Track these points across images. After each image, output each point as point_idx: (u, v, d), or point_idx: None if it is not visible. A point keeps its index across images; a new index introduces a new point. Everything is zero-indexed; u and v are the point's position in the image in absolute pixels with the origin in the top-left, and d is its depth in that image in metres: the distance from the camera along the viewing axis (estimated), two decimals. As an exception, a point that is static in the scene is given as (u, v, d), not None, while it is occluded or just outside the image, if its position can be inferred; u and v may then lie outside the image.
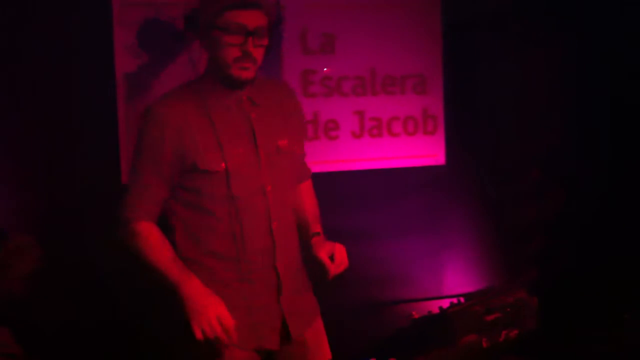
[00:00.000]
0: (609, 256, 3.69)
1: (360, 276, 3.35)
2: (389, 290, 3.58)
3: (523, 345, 1.98)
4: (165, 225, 2.15)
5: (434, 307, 2.32)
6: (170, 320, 2.10)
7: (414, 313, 2.12)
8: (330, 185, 3.07)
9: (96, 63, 3.17)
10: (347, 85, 3.59)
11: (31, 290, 2.69)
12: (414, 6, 3.66)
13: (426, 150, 3.74)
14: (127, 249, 2.07)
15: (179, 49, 3.31)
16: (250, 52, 2.02)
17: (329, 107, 3.55)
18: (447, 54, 3.72)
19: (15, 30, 3.03)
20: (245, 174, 2.08)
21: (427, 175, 3.72)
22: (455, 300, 2.08)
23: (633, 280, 3.47)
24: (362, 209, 3.56)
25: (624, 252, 3.68)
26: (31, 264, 2.78)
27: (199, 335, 1.93)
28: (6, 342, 2.22)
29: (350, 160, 3.60)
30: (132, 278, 2.98)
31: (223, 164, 2.05)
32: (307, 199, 2.36)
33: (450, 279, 3.72)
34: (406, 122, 3.70)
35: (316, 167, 2.57)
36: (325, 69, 3.50)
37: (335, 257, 2.17)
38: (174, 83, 3.21)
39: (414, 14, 3.67)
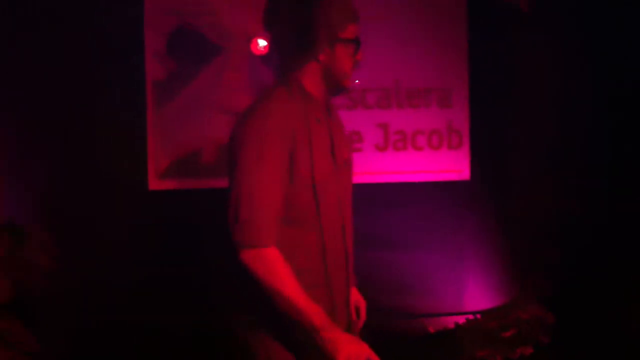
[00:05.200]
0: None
1: (380, 287, 3.38)
2: (409, 302, 3.57)
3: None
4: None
5: (452, 322, 2.32)
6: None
7: (430, 327, 2.13)
8: (354, 197, 3.09)
9: (127, 69, 3.23)
10: (371, 98, 3.61)
11: (50, 288, 2.74)
12: (440, 19, 3.66)
13: (450, 165, 3.73)
14: (251, 273, 1.87)
15: (208, 58, 3.36)
16: (358, 62, 2.08)
17: (353, 119, 3.56)
18: (474, 68, 3.72)
19: (51, 36, 3.11)
20: (330, 187, 2.01)
21: (451, 190, 3.71)
22: (471, 317, 2.08)
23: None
24: (385, 221, 3.56)
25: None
26: (50, 261, 2.84)
27: None
28: (24, 339, 2.22)
29: (374, 173, 3.61)
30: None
31: (317, 176, 1.97)
32: None
33: (471, 294, 3.70)
34: (431, 136, 3.70)
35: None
36: (356, 81, 3.51)
37: (360, 313, 2.22)
38: (202, 91, 3.36)
39: (440, 27, 3.67)
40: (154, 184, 3.27)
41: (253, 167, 1.89)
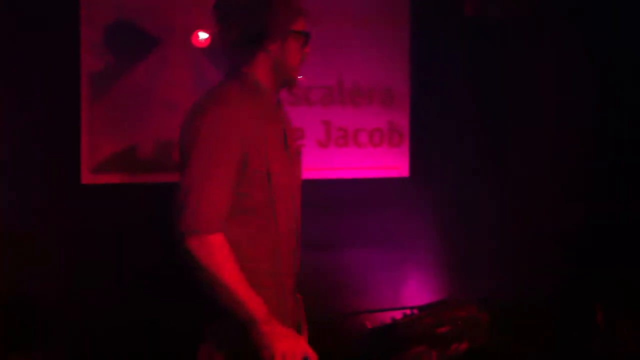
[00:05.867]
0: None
1: (320, 284, 3.38)
2: (348, 299, 3.59)
3: (472, 358, 2.01)
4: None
5: (390, 318, 2.32)
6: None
7: (367, 323, 2.13)
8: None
9: (62, 60, 3.14)
10: (314, 95, 3.61)
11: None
12: (382, 18, 3.70)
13: (391, 162, 3.77)
14: (193, 262, 1.87)
15: (147, 51, 3.30)
16: (306, 55, 2.13)
17: (296, 115, 3.47)
18: (415, 68, 3.76)
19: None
20: (283, 179, 2.05)
21: (390, 187, 3.75)
22: (408, 312, 2.09)
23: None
24: (325, 217, 3.55)
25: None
26: None
27: None
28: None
29: (315, 169, 3.61)
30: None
31: (271, 169, 2.01)
32: None
33: (409, 291, 3.75)
34: (372, 134, 3.73)
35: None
36: (300, 77, 3.50)
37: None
38: (141, 84, 3.30)
39: (382, 26, 3.70)
40: (87, 177, 3.19)
41: (206, 160, 1.91)
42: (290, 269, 2.10)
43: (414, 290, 3.74)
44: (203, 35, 3.31)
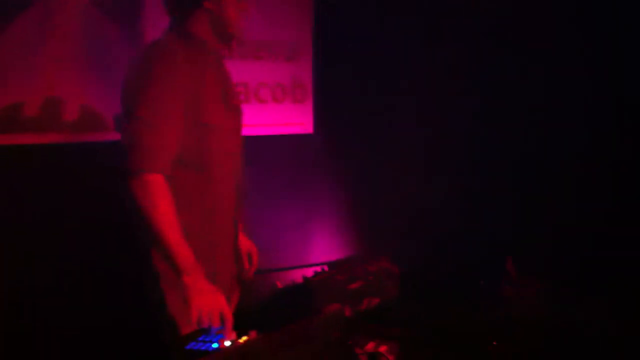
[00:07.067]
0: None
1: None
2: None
3: (384, 312, 2.01)
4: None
5: (299, 275, 2.31)
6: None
7: (277, 283, 2.11)
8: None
9: None
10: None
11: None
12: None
13: (294, 119, 3.72)
14: (133, 201, 1.90)
15: (28, 1, 3.05)
16: (245, 11, 2.23)
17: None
18: (319, 22, 3.69)
19: None
20: (222, 131, 2.13)
21: (295, 143, 3.71)
22: (319, 269, 2.08)
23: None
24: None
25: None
26: None
27: (194, 319, 1.87)
28: None
29: (216, 126, 3.51)
30: None
31: (210, 120, 2.08)
32: None
33: (316, 248, 3.74)
34: (274, 89, 3.66)
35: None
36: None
37: (252, 259, 2.36)
38: (24, 37, 3.04)
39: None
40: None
41: (151, 105, 1.97)
42: (228, 225, 2.17)
43: (321, 247, 3.74)
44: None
